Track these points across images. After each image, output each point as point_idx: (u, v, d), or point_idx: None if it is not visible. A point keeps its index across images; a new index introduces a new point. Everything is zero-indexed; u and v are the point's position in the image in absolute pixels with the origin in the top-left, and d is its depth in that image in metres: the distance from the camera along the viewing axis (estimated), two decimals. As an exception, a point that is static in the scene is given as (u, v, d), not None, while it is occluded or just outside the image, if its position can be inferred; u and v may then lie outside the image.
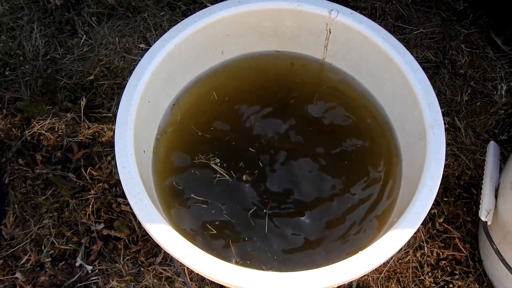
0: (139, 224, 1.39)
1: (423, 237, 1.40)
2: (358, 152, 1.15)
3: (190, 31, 1.08)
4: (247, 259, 1.02)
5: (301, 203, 1.09)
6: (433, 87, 1.01)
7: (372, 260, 0.85)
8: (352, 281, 1.35)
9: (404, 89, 1.04)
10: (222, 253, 1.01)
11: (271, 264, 1.02)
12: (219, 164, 1.12)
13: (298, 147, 1.15)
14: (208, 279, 1.33)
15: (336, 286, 0.85)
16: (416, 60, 1.04)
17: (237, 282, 0.82)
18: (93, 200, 1.43)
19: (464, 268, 1.38)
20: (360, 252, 0.86)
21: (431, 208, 0.90)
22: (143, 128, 1.03)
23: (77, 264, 1.36)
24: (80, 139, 1.53)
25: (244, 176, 1.10)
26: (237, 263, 1.00)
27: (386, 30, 1.07)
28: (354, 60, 1.16)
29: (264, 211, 1.07)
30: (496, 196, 1.21)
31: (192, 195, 1.08)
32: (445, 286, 1.36)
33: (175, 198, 1.07)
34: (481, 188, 1.26)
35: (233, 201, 1.08)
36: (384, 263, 1.38)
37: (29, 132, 1.54)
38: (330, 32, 1.13)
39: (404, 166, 1.09)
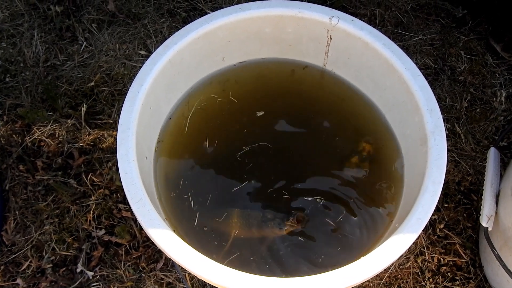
0: (140, 230, 1.39)
1: (423, 243, 1.41)
2: (359, 158, 1.15)
3: (192, 37, 1.08)
4: (248, 265, 1.02)
5: (301, 206, 1.09)
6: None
7: (374, 266, 0.85)
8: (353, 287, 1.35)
9: (405, 96, 1.04)
10: (223, 259, 1.01)
11: (269, 269, 1.02)
12: (221, 170, 1.12)
13: (298, 152, 1.16)
14: (209, 285, 1.33)
15: (339, 291, 0.85)
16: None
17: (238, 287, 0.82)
18: (94, 206, 1.43)
19: (465, 274, 1.38)
20: (362, 257, 0.86)
21: (432, 214, 0.90)
22: (145, 134, 1.03)
23: (78, 270, 1.36)
24: (81, 145, 1.53)
25: (246, 182, 1.11)
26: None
27: (386, 37, 1.08)
28: (354, 66, 1.16)
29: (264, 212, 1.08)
30: (496, 202, 1.22)
31: (193, 201, 1.08)
32: (446, 292, 1.36)
33: (176, 204, 1.08)
34: (481, 194, 1.26)
35: (236, 207, 1.08)
36: (385, 269, 1.38)
37: (29, 138, 1.54)
38: (331, 38, 1.13)
39: (405, 171, 1.09)
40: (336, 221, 1.07)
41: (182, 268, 1.25)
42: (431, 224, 1.44)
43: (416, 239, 0.91)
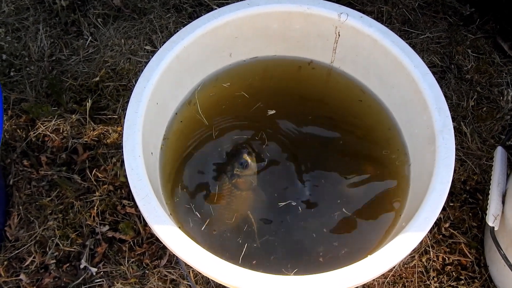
0: (144, 226, 1.39)
1: (428, 242, 1.40)
2: (366, 156, 1.15)
3: (199, 33, 1.08)
4: (253, 261, 1.02)
5: (306, 205, 1.08)
6: (439, 92, 1.01)
7: (382, 264, 0.85)
8: (358, 286, 1.35)
9: (413, 94, 1.04)
10: (228, 255, 1.01)
11: (277, 267, 1.01)
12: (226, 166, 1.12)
13: (303, 150, 1.15)
14: (213, 282, 1.33)
15: (345, 290, 0.84)
16: (422, 64, 1.04)
17: (244, 285, 0.82)
18: (98, 202, 1.42)
19: (470, 274, 1.37)
20: (368, 256, 0.86)
21: (437, 213, 0.90)
22: (151, 130, 1.03)
23: (81, 266, 1.35)
24: (85, 141, 1.53)
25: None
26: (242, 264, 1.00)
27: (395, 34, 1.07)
28: (362, 64, 1.16)
29: (270, 213, 1.07)
30: (503, 202, 1.21)
31: (199, 197, 1.08)
32: (451, 292, 1.36)
33: (182, 201, 1.07)
34: (487, 194, 1.25)
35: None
36: (390, 268, 1.37)
37: (34, 133, 1.54)
38: (339, 35, 1.13)
39: (413, 170, 1.08)
40: (340, 219, 1.07)
41: (186, 265, 1.25)
42: (436, 223, 1.43)
43: (422, 238, 0.91)
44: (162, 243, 0.87)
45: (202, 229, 1.04)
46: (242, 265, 0.85)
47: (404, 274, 1.37)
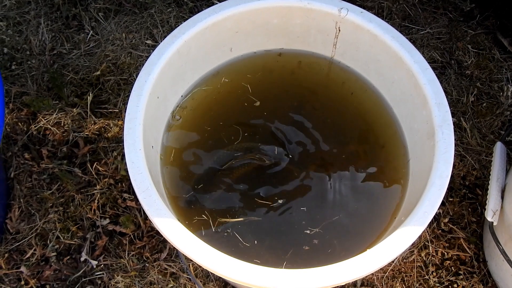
0: (144, 219, 1.39)
1: (428, 237, 1.41)
2: (365, 151, 1.15)
3: (200, 27, 1.08)
4: (254, 256, 1.02)
5: (305, 201, 1.09)
6: (439, 88, 1.01)
7: (380, 259, 0.85)
8: (357, 280, 1.35)
9: (413, 89, 1.04)
10: (230, 249, 1.01)
11: (277, 259, 1.02)
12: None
13: (305, 145, 1.15)
14: (213, 275, 1.33)
15: (344, 284, 0.85)
16: (422, 60, 1.04)
17: (244, 279, 0.82)
18: (98, 195, 1.43)
19: (469, 269, 1.38)
20: (367, 250, 0.86)
21: (436, 208, 0.91)
22: (152, 123, 1.03)
23: (82, 259, 1.36)
24: (86, 134, 1.53)
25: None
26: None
27: (395, 29, 1.07)
28: (363, 59, 1.16)
29: (271, 205, 1.08)
30: (502, 197, 1.21)
31: (199, 191, 1.08)
32: (450, 286, 1.36)
33: (182, 194, 1.07)
34: (487, 189, 1.26)
35: (241, 197, 1.08)
36: (389, 262, 1.38)
37: (35, 126, 1.54)
38: (339, 30, 1.13)
39: (412, 165, 1.09)
40: (338, 213, 1.07)
41: (186, 258, 1.25)
42: (436, 218, 1.44)
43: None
44: (162, 236, 0.87)
45: (203, 221, 1.05)
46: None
47: (403, 269, 1.37)
